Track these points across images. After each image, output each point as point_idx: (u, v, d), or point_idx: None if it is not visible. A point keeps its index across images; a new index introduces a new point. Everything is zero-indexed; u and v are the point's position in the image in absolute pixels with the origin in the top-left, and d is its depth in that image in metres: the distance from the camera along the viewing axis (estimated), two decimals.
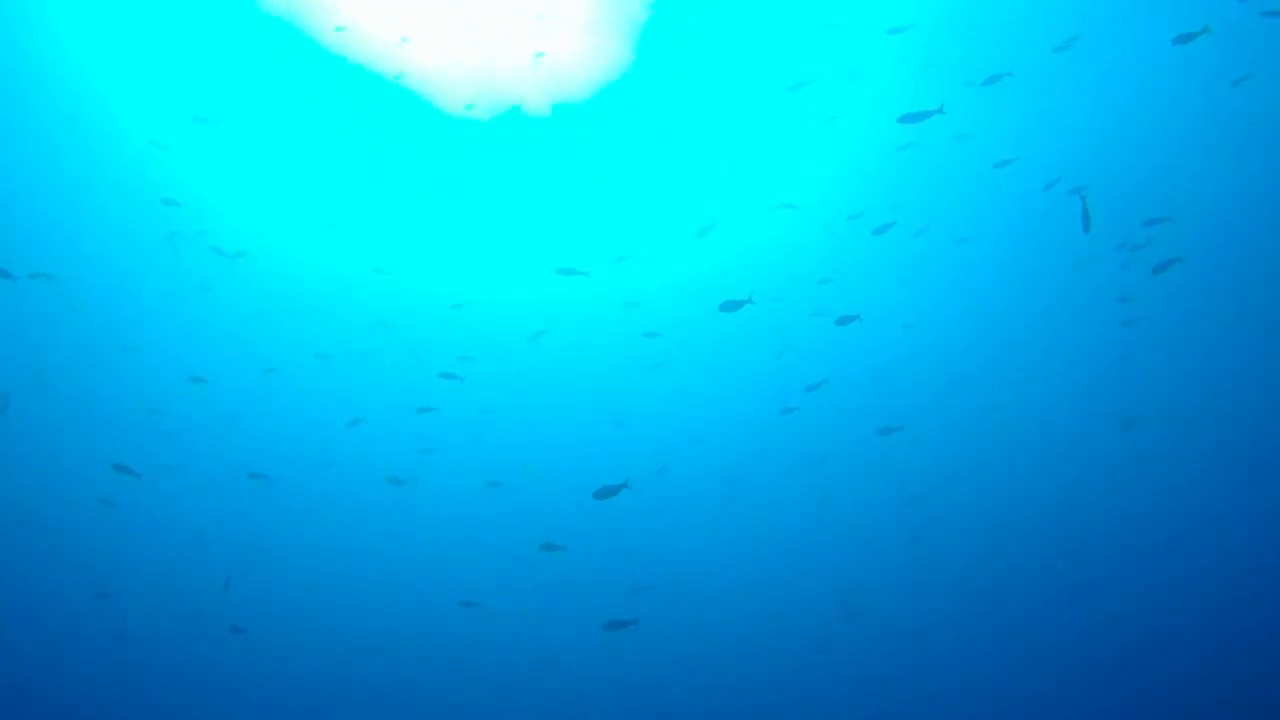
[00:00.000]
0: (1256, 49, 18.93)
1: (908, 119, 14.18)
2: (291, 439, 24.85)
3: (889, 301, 24.53)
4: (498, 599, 24.77)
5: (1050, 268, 24.12)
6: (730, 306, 15.27)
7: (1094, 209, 21.86)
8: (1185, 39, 14.47)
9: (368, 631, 23.93)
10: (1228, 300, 23.37)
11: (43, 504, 22.77)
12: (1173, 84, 19.67)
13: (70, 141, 20.66)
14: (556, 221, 24.18)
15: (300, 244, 23.80)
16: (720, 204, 23.68)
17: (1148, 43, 18.84)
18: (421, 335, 25.01)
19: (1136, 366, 25.14)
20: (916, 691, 23.21)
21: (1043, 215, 22.62)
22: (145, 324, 23.47)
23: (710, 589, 25.08)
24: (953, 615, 25.25)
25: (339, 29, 18.81)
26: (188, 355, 24.03)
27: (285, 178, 22.63)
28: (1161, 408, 25.38)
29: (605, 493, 15.32)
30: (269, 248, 23.52)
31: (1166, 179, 21.40)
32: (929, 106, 19.28)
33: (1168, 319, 24.03)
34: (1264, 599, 23.30)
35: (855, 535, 26.71)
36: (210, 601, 22.85)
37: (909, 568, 25.99)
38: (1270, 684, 20.71)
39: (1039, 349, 25.51)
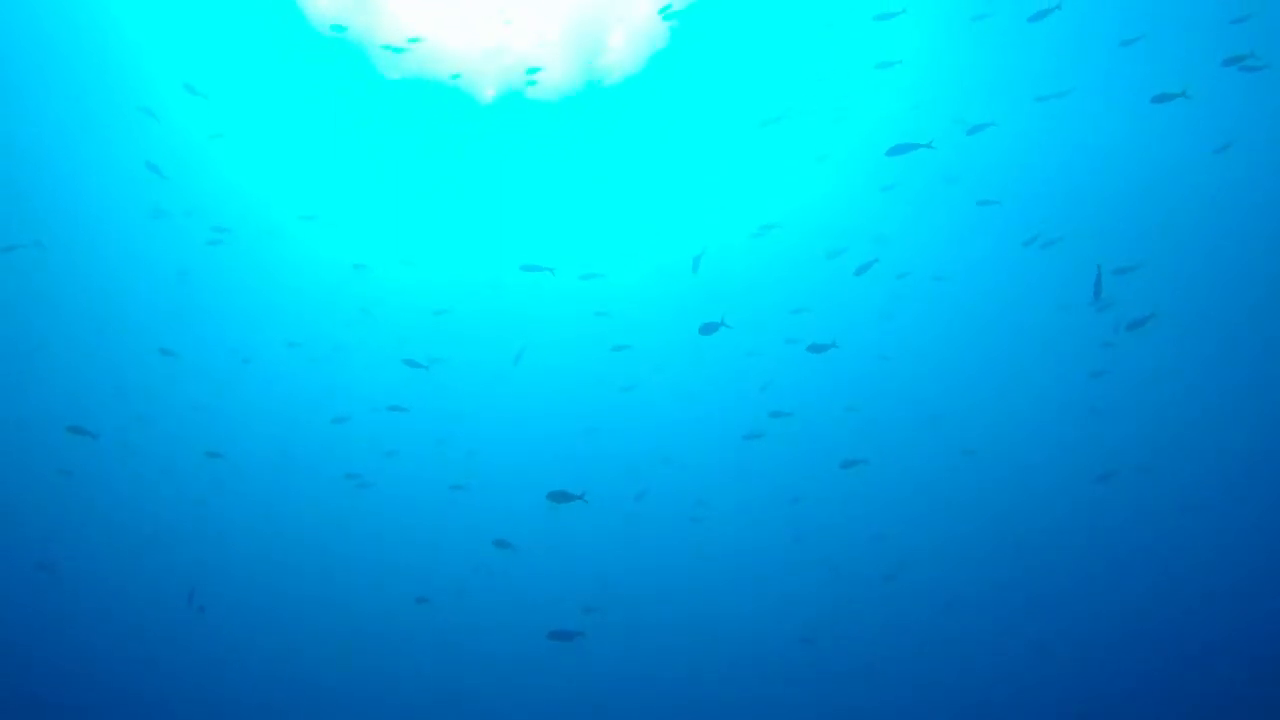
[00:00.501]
0: (1237, 112, 19.33)
1: (896, 151, 14.39)
2: (260, 428, 24.85)
3: (864, 334, 24.77)
4: (451, 599, 24.72)
5: (1030, 312, 24.39)
6: (709, 329, 15.42)
7: (1069, 250, 22.20)
8: (1163, 99, 14.75)
9: (318, 623, 23.85)
10: (1205, 345, 23.59)
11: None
12: (1151, 141, 20.06)
13: (64, 104, 20.55)
14: (539, 225, 24.38)
15: (287, 231, 23.90)
16: (705, 229, 23.95)
17: (1129, 99, 19.25)
18: (402, 331, 25.06)
19: (1115, 415, 25.32)
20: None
21: (1022, 261, 22.92)
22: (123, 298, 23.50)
23: (667, 608, 25.12)
24: (916, 646, 25.29)
25: (337, 29, 18.97)
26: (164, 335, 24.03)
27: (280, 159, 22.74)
28: (1138, 457, 25.52)
29: (559, 497, 15.34)
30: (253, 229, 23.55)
31: (1142, 227, 21.73)
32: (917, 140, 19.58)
33: (1145, 367, 24.26)
34: (1238, 650, 23.44)
35: (821, 568, 26.77)
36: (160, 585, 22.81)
37: (873, 601, 26.04)
38: None
39: (1017, 389, 25.66)
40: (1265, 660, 23.29)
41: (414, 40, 19.28)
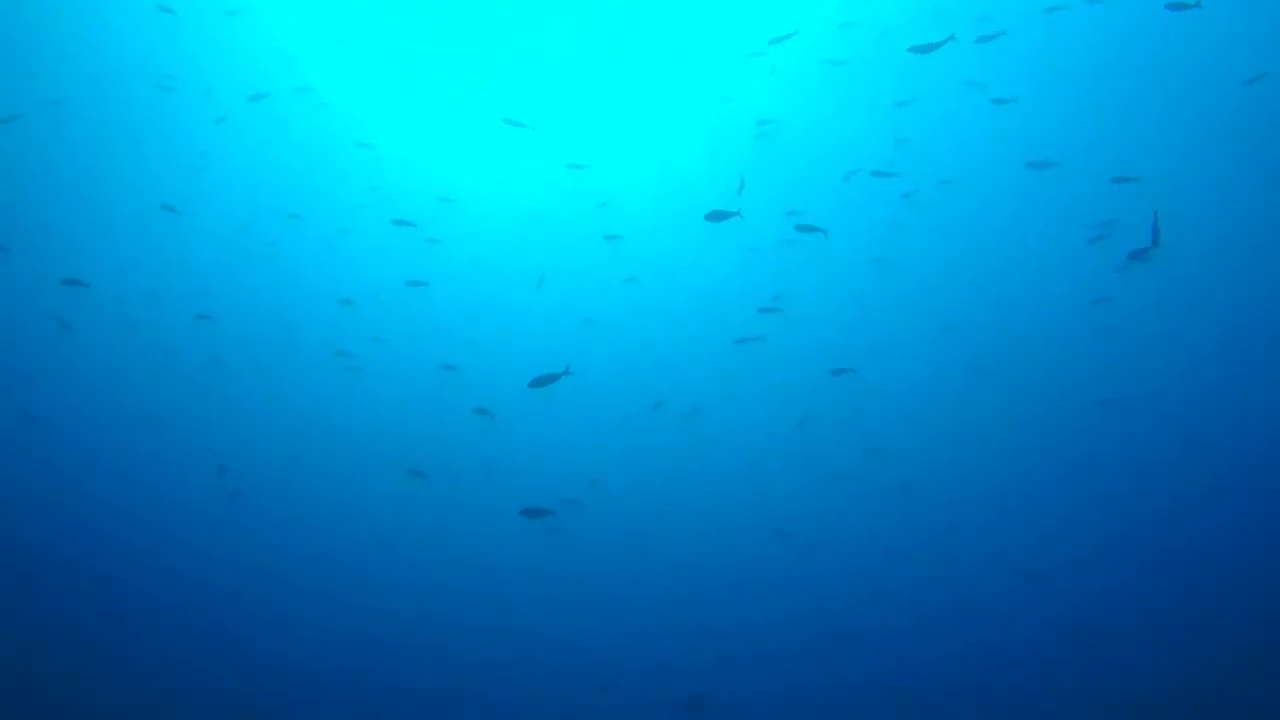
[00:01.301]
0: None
1: (920, 49, 13.94)
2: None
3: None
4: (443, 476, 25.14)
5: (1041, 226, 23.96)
6: (717, 217, 15.25)
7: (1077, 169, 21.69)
8: (1178, 6, 14.19)
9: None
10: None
11: None
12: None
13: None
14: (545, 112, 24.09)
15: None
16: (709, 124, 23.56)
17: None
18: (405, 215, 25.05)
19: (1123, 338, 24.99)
20: None
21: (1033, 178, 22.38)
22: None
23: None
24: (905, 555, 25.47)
25: None
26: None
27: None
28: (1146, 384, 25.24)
29: (542, 381, 15.45)
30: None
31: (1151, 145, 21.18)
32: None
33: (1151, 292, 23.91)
34: (1233, 582, 23.52)
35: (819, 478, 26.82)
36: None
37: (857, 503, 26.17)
38: None
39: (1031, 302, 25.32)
40: (1260, 594, 23.35)
41: None
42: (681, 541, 25.06)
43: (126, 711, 20.86)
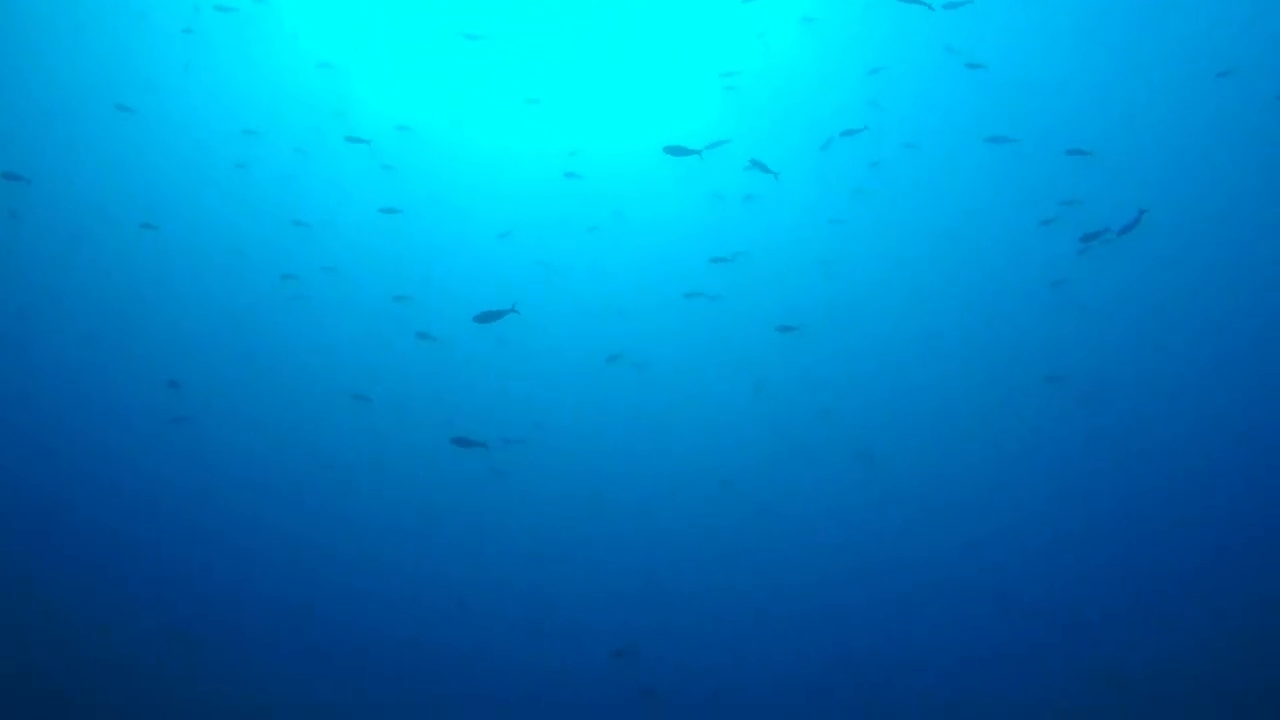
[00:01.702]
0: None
1: None
2: None
3: None
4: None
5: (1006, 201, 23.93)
6: (677, 151, 15.08)
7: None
8: None
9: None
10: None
11: None
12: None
13: None
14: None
15: None
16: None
17: None
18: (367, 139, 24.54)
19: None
20: None
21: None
22: None
23: None
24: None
25: None
26: None
27: None
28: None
29: (487, 316, 15.29)
30: None
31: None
32: None
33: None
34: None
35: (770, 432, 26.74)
36: None
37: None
38: None
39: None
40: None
41: None
42: (627, 491, 25.08)
43: (63, 633, 20.77)
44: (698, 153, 14.88)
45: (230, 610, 22.22)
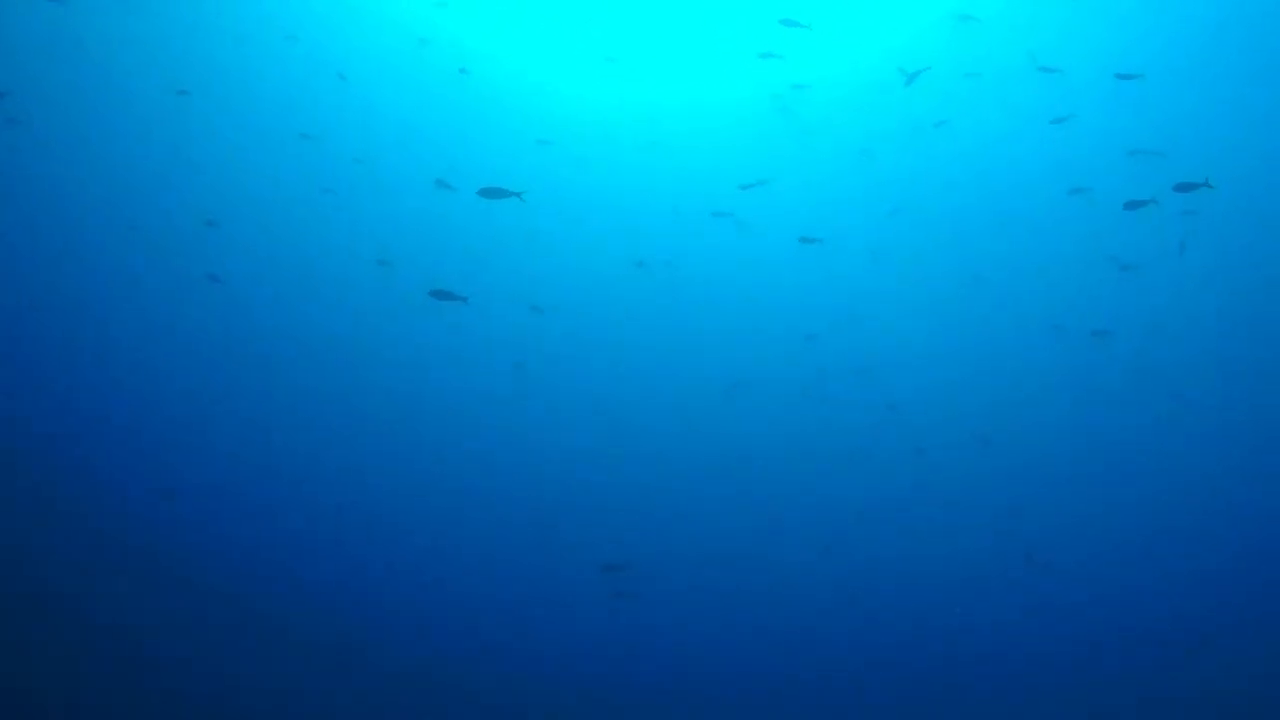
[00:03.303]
0: None
1: None
2: None
3: None
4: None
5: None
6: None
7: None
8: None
9: None
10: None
11: None
12: None
13: None
14: None
15: None
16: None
17: None
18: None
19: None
20: None
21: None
22: None
23: None
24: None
25: None
26: None
27: None
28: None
29: (492, 192, 14.92)
30: None
31: None
32: None
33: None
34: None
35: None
36: None
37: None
38: None
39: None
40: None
41: None
42: (628, 403, 24.92)
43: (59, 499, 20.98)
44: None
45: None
